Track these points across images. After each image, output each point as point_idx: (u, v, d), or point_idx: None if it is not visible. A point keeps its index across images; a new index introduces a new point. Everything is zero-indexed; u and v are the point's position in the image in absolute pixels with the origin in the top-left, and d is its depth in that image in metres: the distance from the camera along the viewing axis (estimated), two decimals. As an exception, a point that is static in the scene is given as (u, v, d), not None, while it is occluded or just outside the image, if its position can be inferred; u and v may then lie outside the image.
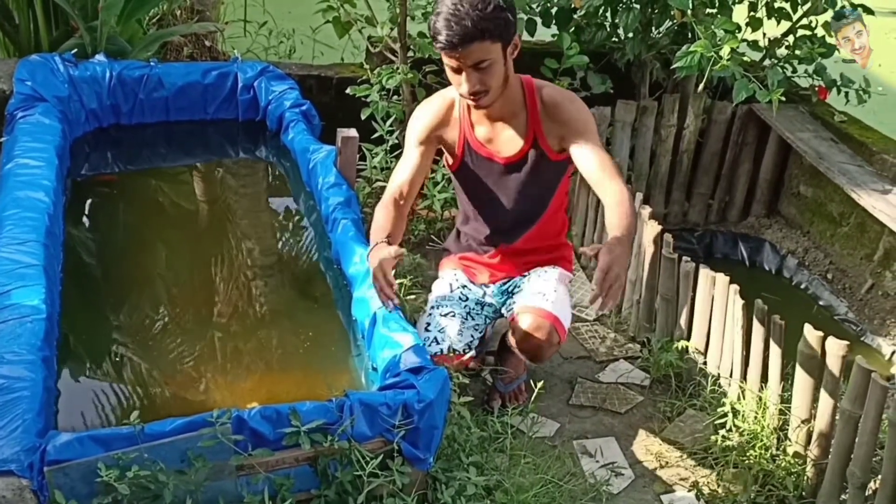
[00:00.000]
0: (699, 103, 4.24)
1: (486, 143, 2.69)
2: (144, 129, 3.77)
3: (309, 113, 3.69)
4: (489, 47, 2.42)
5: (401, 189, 2.66)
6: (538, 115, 2.64)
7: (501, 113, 2.64)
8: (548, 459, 2.69)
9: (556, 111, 2.62)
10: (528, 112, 2.64)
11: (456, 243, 2.96)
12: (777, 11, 4.06)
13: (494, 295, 2.89)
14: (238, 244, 3.34)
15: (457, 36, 2.38)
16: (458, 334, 2.73)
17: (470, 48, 2.40)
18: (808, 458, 2.68)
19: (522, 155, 2.67)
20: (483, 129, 2.69)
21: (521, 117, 2.65)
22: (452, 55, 2.43)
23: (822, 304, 4.04)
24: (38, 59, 3.61)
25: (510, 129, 2.66)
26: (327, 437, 2.16)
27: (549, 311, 2.69)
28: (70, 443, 2.00)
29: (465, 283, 2.88)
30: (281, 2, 6.16)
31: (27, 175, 3.00)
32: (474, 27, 2.38)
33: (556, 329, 2.68)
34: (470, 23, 2.37)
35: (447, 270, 2.94)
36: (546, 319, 2.67)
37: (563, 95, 2.66)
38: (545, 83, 2.70)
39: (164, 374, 2.61)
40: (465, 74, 2.46)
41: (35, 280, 2.51)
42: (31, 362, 2.24)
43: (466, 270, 2.91)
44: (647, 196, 4.27)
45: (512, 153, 2.68)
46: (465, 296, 2.85)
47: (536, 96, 2.64)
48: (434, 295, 2.87)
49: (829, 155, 3.98)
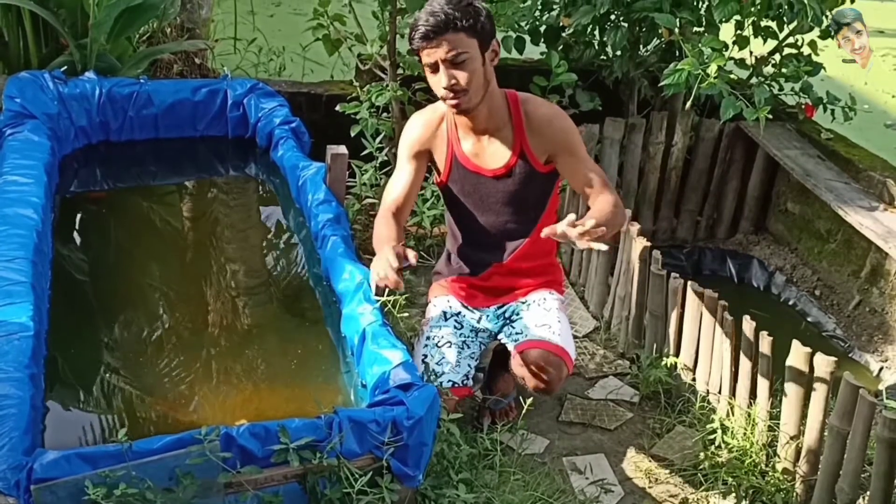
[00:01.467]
0: (687, 121, 4.27)
1: (472, 157, 2.70)
2: (134, 147, 3.77)
3: (298, 130, 3.69)
4: (464, 40, 2.45)
5: (396, 203, 2.68)
6: (523, 127, 2.65)
7: (487, 126, 2.65)
8: (537, 476, 2.69)
9: (541, 125, 2.64)
10: (513, 125, 2.65)
11: (447, 266, 2.93)
12: (764, 30, 4.10)
13: (490, 319, 2.85)
14: (228, 261, 3.34)
15: (431, 27, 2.43)
16: (456, 366, 2.70)
17: (444, 38, 2.44)
18: (797, 475, 2.68)
19: (509, 168, 2.68)
20: (469, 143, 2.70)
21: (506, 130, 2.66)
22: (428, 48, 2.46)
23: (810, 321, 4.06)
24: (28, 77, 3.60)
25: (496, 143, 2.67)
26: (316, 454, 2.15)
27: (557, 344, 2.68)
28: (57, 461, 1.98)
29: (459, 310, 2.83)
30: (271, 20, 6.20)
31: (16, 192, 2.99)
32: (447, 17, 2.43)
33: (565, 362, 2.68)
34: (443, 14, 2.43)
35: (440, 298, 2.88)
36: (556, 354, 2.66)
37: (547, 110, 2.68)
38: (529, 96, 2.72)
39: (152, 391, 2.60)
40: (442, 69, 2.48)
41: (23, 297, 2.50)
42: (18, 380, 2.22)
43: (459, 295, 2.86)
44: (636, 213, 4.29)
45: (499, 166, 2.68)
46: (461, 323, 2.80)
47: (521, 109, 2.65)
48: (428, 324, 2.82)
49: (816, 172, 4.01)
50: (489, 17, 2.51)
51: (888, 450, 2.37)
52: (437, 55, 2.46)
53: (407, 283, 3.43)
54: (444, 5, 2.44)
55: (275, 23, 6.21)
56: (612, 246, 3.46)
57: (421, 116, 2.76)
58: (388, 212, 2.66)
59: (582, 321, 3.53)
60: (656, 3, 3.77)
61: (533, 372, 2.67)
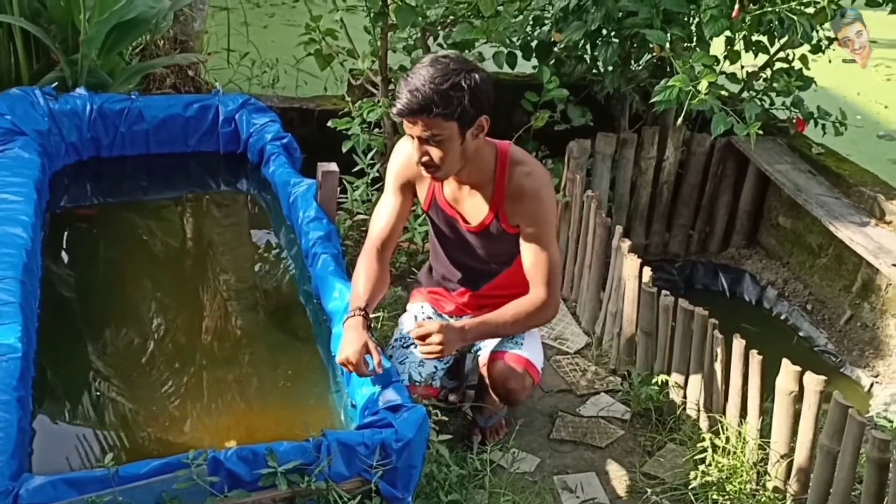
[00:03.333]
0: (678, 136, 4.28)
1: (452, 202, 2.68)
2: (125, 162, 3.76)
3: (290, 146, 3.69)
4: (441, 123, 2.38)
5: (381, 238, 2.68)
6: (504, 192, 2.59)
7: (469, 179, 2.61)
8: (528, 496, 2.68)
9: (518, 195, 2.58)
10: (494, 186, 2.60)
11: (427, 277, 2.96)
12: (755, 45, 4.11)
13: None
14: (218, 278, 3.33)
15: (408, 105, 2.37)
16: (420, 365, 2.71)
17: (420, 119, 2.39)
18: (788, 493, 2.68)
19: (483, 227, 2.66)
20: (450, 188, 2.67)
21: (487, 189, 2.61)
22: (407, 122, 2.42)
23: (801, 335, 4.06)
24: (18, 93, 3.60)
25: (476, 196, 2.63)
26: (304, 477, 2.15)
27: (519, 354, 2.70)
28: (43, 486, 1.98)
29: (429, 314, 2.86)
30: (265, 31, 6.20)
31: (5, 210, 2.99)
32: (425, 101, 2.35)
33: (528, 372, 2.69)
34: (421, 95, 2.35)
35: (415, 304, 2.92)
36: (518, 364, 2.68)
37: (531, 183, 2.58)
38: (522, 158, 2.63)
39: (141, 412, 2.59)
40: (416, 144, 2.45)
41: (11, 318, 2.49)
42: (5, 402, 2.21)
43: (434, 302, 2.90)
44: (628, 228, 4.29)
45: (474, 224, 2.67)
46: None
47: (507, 172, 2.58)
48: (399, 328, 2.85)
49: (807, 187, 4.02)
50: (474, 96, 2.38)
51: (878, 470, 2.37)
52: (414, 131, 2.43)
53: (397, 298, 3.43)
54: (426, 83, 2.35)
55: (268, 34, 6.22)
56: (604, 262, 3.47)
57: (406, 148, 2.66)
58: (373, 248, 2.66)
59: (574, 337, 3.53)
60: (647, 19, 3.78)
61: (495, 383, 2.69)
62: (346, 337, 2.48)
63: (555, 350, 3.43)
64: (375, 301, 2.61)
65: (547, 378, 3.25)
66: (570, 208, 3.73)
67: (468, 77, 2.38)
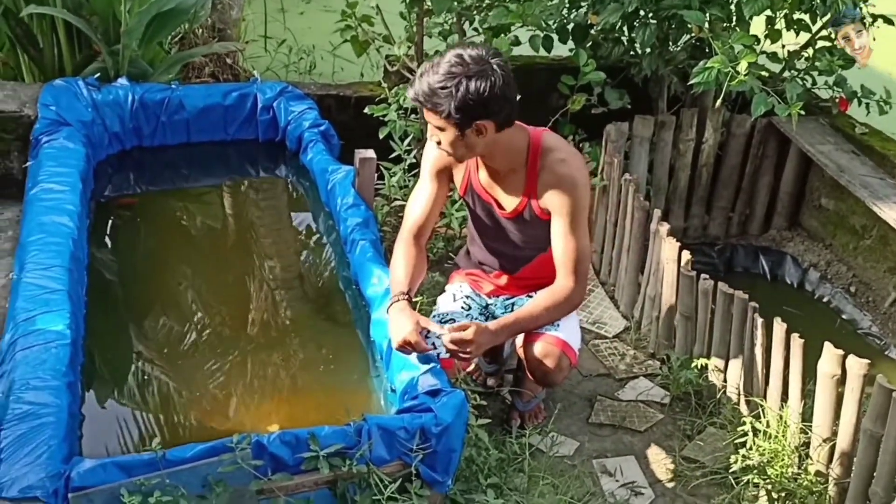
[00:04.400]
0: (718, 117, 4.23)
1: (487, 186, 2.70)
2: (166, 151, 3.82)
3: (328, 133, 3.72)
4: (441, 121, 2.45)
5: (417, 223, 2.70)
6: (536, 179, 2.60)
7: (501, 166, 2.63)
8: (567, 479, 2.70)
9: (553, 185, 2.58)
10: (527, 173, 2.61)
11: (465, 259, 2.98)
12: (796, 23, 4.04)
13: (499, 308, 2.87)
14: (258, 265, 3.38)
15: (415, 92, 2.46)
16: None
17: (425, 108, 2.47)
18: (831, 477, 2.66)
19: (517, 213, 2.68)
20: (485, 173, 2.69)
21: (520, 175, 2.62)
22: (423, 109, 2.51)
23: (844, 318, 4.01)
24: (62, 84, 3.67)
25: (509, 182, 2.65)
26: (346, 461, 2.19)
27: (556, 336, 2.70)
28: (94, 469, 2.03)
29: (468, 293, 2.87)
30: (301, 17, 6.22)
31: (52, 200, 3.05)
32: (425, 97, 2.43)
33: (565, 353, 2.69)
34: (427, 87, 2.42)
35: (453, 284, 2.95)
36: (555, 346, 2.68)
37: (564, 170, 2.58)
38: (556, 145, 2.63)
39: (185, 396, 2.65)
40: (430, 127, 2.52)
41: (59, 305, 2.56)
42: (55, 388, 2.28)
43: (472, 283, 2.91)
44: (667, 210, 4.25)
45: (509, 209, 2.68)
46: (469, 305, 2.84)
47: (539, 160, 2.59)
48: (438, 307, 2.87)
49: (851, 168, 3.95)
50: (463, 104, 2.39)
51: (922, 454, 2.35)
52: (425, 116, 2.51)
53: (435, 284, 3.44)
54: (427, 77, 2.43)
55: (305, 20, 6.23)
56: (643, 245, 3.45)
57: None
58: (409, 234, 2.68)
59: (612, 321, 3.52)
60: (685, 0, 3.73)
61: (532, 365, 2.70)
62: (396, 321, 2.49)
63: (593, 334, 3.42)
64: (416, 285, 2.63)
65: (585, 362, 3.25)
66: (608, 192, 3.72)
67: (462, 84, 2.39)
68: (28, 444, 2.10)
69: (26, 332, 2.44)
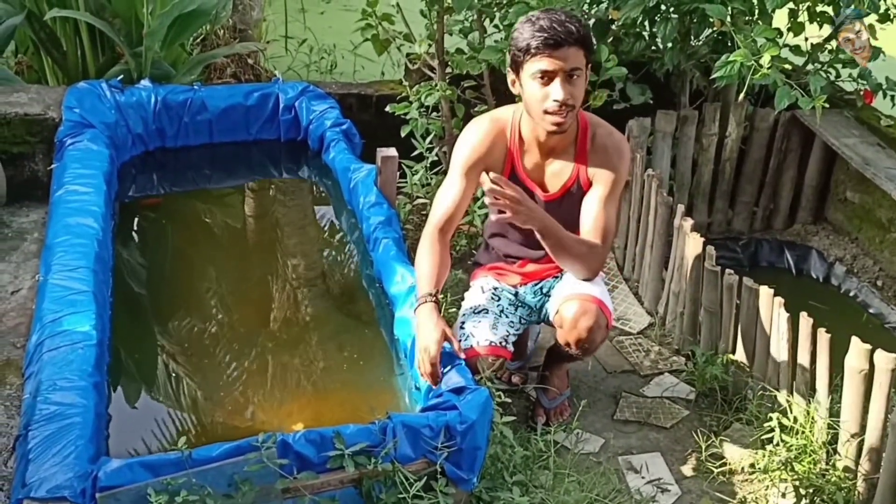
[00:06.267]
0: (741, 111, 4.19)
1: (531, 173, 2.70)
2: (189, 152, 3.84)
3: (349, 132, 3.73)
4: (581, 57, 2.49)
5: (445, 218, 2.68)
6: (586, 151, 2.65)
7: (556, 145, 2.65)
8: (593, 476, 2.68)
9: (602, 153, 2.65)
10: (577, 146, 2.65)
11: (486, 254, 2.96)
12: (819, 15, 4.00)
13: (528, 295, 2.86)
14: (281, 264, 3.39)
15: (560, 35, 2.44)
16: (493, 328, 2.71)
17: (569, 51, 2.46)
18: (859, 473, 2.64)
19: (564, 192, 2.68)
20: (532, 158, 2.69)
21: (570, 152, 2.66)
22: (551, 57, 2.46)
23: (871, 313, 3.96)
24: (86, 87, 3.70)
25: (559, 163, 2.67)
26: (371, 459, 2.19)
27: (591, 294, 2.67)
28: (121, 469, 2.04)
29: (495, 285, 2.86)
30: (322, 17, 6.24)
31: (77, 201, 3.08)
32: (576, 31, 2.46)
33: (602, 311, 2.66)
34: (573, 27, 2.46)
35: (478, 280, 2.93)
36: (592, 303, 2.65)
37: (613, 141, 2.67)
38: (600, 123, 2.71)
39: (210, 396, 2.67)
40: (560, 81, 2.48)
41: (86, 306, 2.58)
42: (82, 388, 2.30)
43: (497, 277, 2.89)
44: (690, 205, 4.23)
45: (554, 190, 2.69)
46: (497, 296, 2.83)
47: (588, 133, 2.66)
48: (467, 302, 2.86)
49: (876, 160, 3.91)
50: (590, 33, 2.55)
51: (953, 450, 2.32)
52: (559, 65, 2.46)
53: (458, 281, 3.44)
54: (565, 19, 2.47)
55: (325, 20, 6.25)
56: (666, 241, 3.43)
57: (480, 127, 2.69)
58: (435, 230, 2.66)
59: (636, 317, 3.50)
60: (707, -7, 3.70)
61: (570, 325, 2.64)
62: (423, 327, 2.49)
63: (617, 330, 3.41)
64: (441, 283, 2.63)
65: (610, 359, 3.24)
66: (631, 187, 3.70)
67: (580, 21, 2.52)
68: (56, 445, 2.12)
69: (53, 333, 2.46)
